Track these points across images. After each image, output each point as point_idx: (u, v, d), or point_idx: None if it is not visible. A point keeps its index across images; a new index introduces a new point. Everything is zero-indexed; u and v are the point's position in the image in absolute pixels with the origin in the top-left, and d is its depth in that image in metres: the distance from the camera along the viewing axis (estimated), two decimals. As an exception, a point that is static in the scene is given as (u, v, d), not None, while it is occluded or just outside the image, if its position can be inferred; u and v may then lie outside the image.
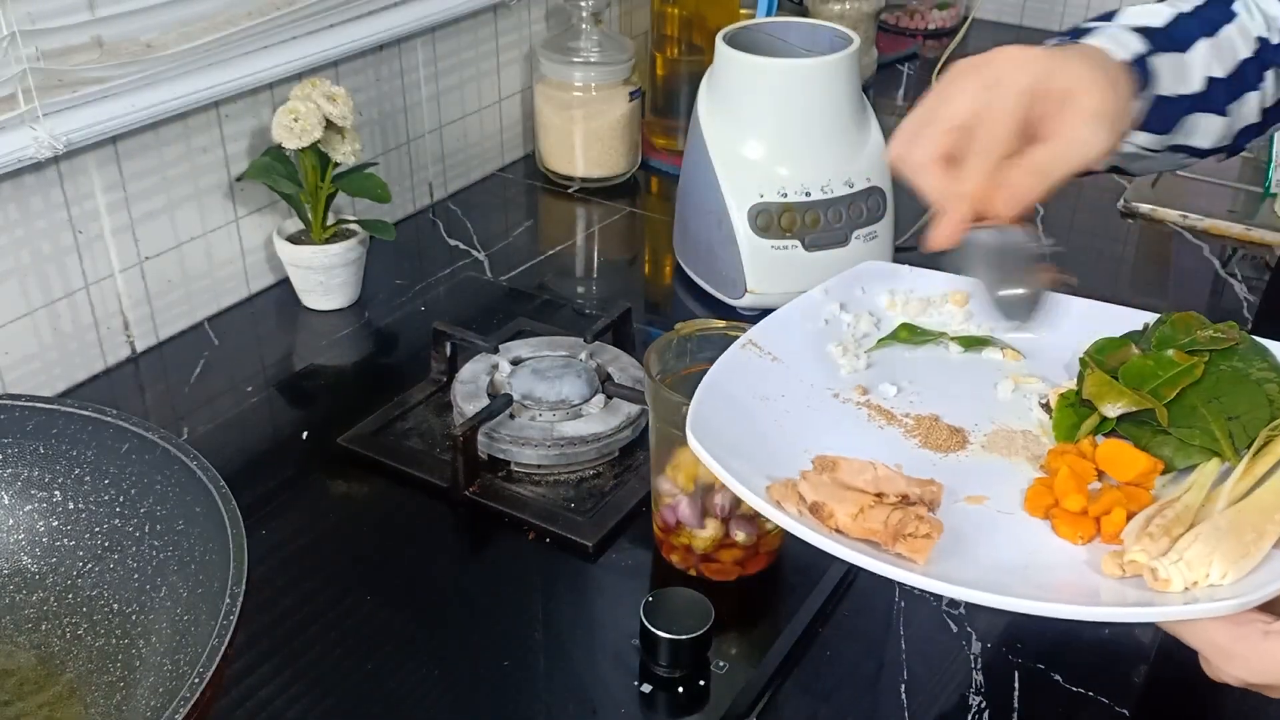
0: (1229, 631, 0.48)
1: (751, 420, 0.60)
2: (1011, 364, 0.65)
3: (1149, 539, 0.51)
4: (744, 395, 0.62)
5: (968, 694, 0.65)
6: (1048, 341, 0.65)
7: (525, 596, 0.71)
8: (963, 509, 0.55)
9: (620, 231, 1.17)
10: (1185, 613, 0.48)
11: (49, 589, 0.62)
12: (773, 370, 0.64)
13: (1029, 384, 0.64)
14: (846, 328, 0.69)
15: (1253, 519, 0.51)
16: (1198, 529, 0.51)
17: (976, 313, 0.68)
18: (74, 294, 0.88)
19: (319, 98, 0.93)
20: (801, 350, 0.66)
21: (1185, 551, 0.50)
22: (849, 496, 0.53)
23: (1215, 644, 0.49)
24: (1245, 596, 0.48)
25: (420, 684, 0.65)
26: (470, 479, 0.77)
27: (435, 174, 1.20)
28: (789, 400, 0.62)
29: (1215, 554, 0.49)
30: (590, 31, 1.19)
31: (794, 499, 0.53)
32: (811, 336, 0.67)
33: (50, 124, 0.79)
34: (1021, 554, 0.53)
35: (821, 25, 1.01)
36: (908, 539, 0.51)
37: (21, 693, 0.58)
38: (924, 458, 0.59)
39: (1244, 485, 0.54)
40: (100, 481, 0.62)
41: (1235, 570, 0.49)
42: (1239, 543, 0.50)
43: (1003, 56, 0.58)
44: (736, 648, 0.67)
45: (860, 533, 0.52)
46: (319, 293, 0.99)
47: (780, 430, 0.60)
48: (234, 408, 0.87)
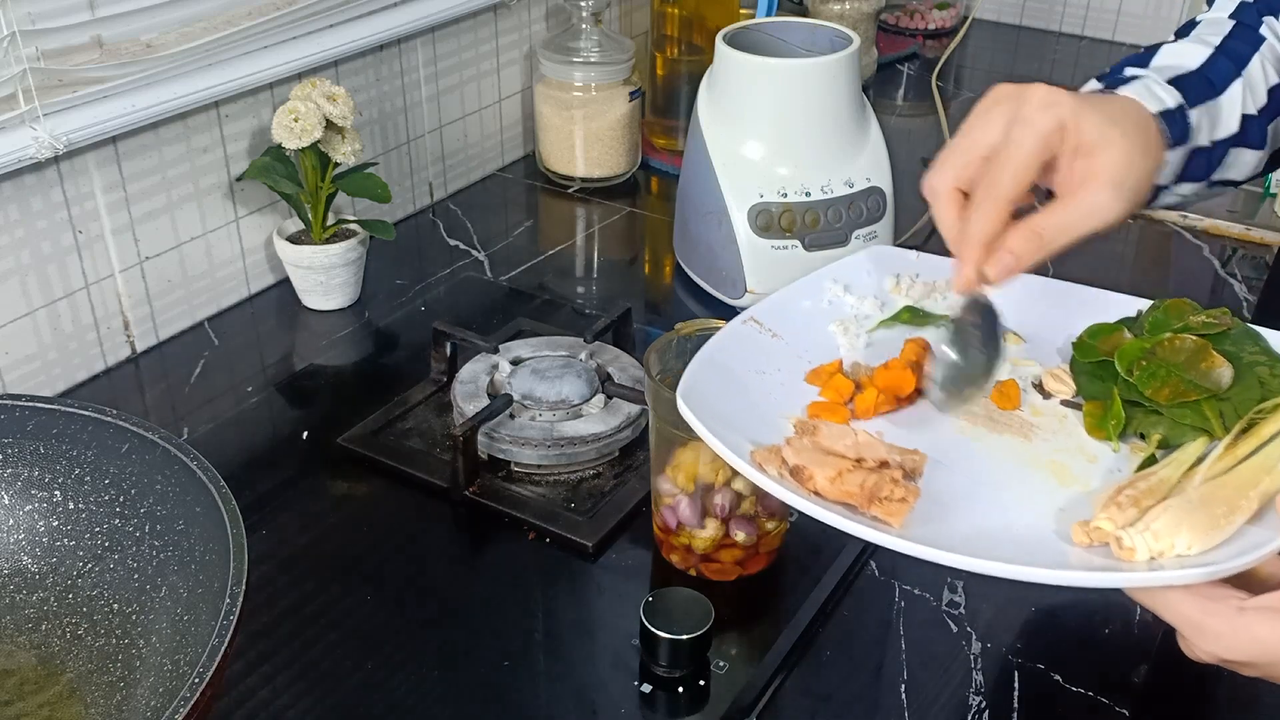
0: (1202, 606, 0.48)
1: (744, 391, 0.61)
2: (1011, 348, 0.65)
3: (1116, 508, 0.50)
4: (739, 368, 0.62)
5: (968, 694, 0.65)
6: (1045, 326, 0.65)
7: (525, 596, 0.71)
8: (941, 478, 0.56)
9: (620, 231, 1.17)
10: (1149, 579, 0.48)
11: (49, 589, 0.62)
12: (771, 346, 0.65)
13: (1025, 366, 0.64)
14: (849, 309, 0.69)
15: (1226, 494, 0.50)
16: (1168, 501, 0.50)
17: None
18: (74, 294, 0.88)
19: (319, 98, 0.93)
20: (802, 328, 0.66)
21: (1153, 522, 0.49)
22: (829, 461, 0.53)
23: (1188, 619, 0.48)
24: (1213, 566, 0.47)
25: (420, 684, 0.65)
26: (470, 479, 0.77)
27: (435, 174, 1.20)
28: (784, 374, 0.63)
29: (1184, 525, 0.49)
30: (590, 31, 1.19)
31: (777, 462, 0.54)
32: (813, 316, 0.67)
33: (50, 124, 0.80)
34: (996, 523, 0.53)
35: (821, 25, 1.01)
36: (883, 502, 0.51)
37: (21, 693, 0.58)
38: (906, 429, 0.60)
39: (1224, 464, 0.53)
40: (100, 481, 0.62)
41: (1203, 543, 0.48)
42: (1209, 516, 0.49)
43: (1036, 94, 0.56)
44: (736, 648, 0.67)
45: (838, 495, 0.53)
46: (319, 293, 0.99)
47: (770, 401, 0.60)
48: (234, 408, 0.87)
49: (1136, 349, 0.60)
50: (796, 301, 0.68)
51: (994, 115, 0.57)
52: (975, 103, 0.59)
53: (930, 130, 1.37)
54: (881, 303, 0.69)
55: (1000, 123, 0.57)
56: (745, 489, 0.69)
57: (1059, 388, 0.62)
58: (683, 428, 0.68)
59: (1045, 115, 0.56)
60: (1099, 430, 0.59)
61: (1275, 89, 0.69)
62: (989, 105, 0.58)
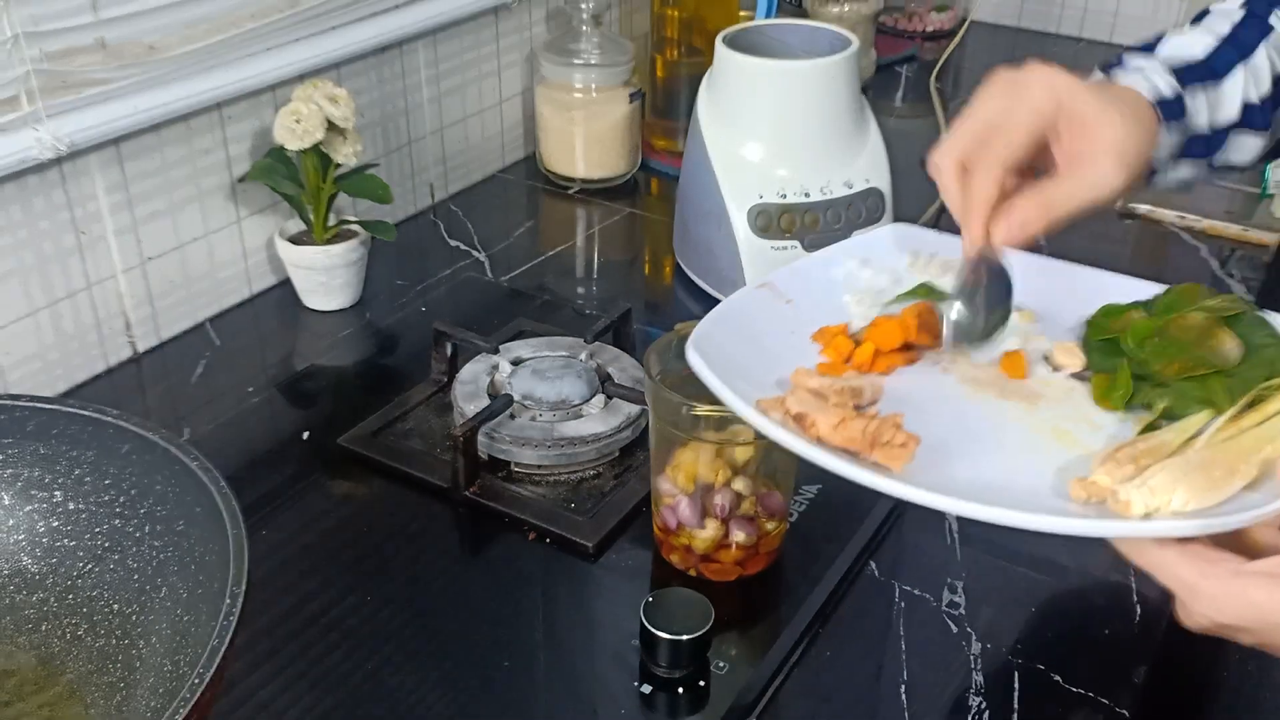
0: (1199, 568, 0.48)
1: (753, 349, 0.62)
2: (1025, 325, 0.66)
3: (1114, 464, 0.51)
4: (750, 328, 0.63)
5: (968, 694, 0.65)
6: (1060, 306, 0.66)
7: (525, 596, 0.71)
8: (944, 435, 0.56)
9: (620, 232, 1.17)
10: (1144, 529, 0.48)
11: (49, 589, 0.62)
12: (784, 311, 0.65)
13: (1036, 341, 0.64)
14: (865, 282, 0.69)
15: (1226, 458, 0.50)
16: (1168, 461, 0.50)
17: None
18: (76, 294, 0.88)
19: (321, 99, 0.93)
20: (816, 297, 0.67)
21: (1150, 479, 0.49)
22: (832, 409, 0.54)
23: (1184, 581, 0.48)
24: (1208, 519, 0.47)
25: (420, 684, 0.65)
26: (470, 479, 0.77)
27: (436, 175, 1.20)
28: (794, 338, 0.64)
29: (1181, 483, 0.48)
30: (590, 33, 1.20)
31: (780, 411, 0.55)
32: (828, 286, 0.68)
33: (53, 125, 0.80)
34: (996, 477, 0.54)
35: (820, 27, 1.01)
36: (884, 448, 0.52)
37: (22, 693, 0.58)
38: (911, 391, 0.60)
39: (1226, 433, 0.53)
40: (101, 482, 0.62)
41: (1199, 501, 0.48)
42: (1207, 476, 0.49)
43: (1035, 73, 0.59)
44: (736, 648, 0.67)
45: (840, 441, 0.53)
46: (320, 293, 0.99)
47: (778, 360, 0.61)
48: (235, 408, 0.87)
49: (1148, 326, 0.61)
50: (813, 271, 0.69)
51: (994, 94, 0.59)
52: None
53: (929, 131, 1.37)
54: (897, 279, 0.69)
55: (1000, 101, 0.59)
56: (745, 489, 0.69)
57: (1068, 361, 0.63)
58: (683, 427, 0.68)
59: (1042, 91, 0.58)
60: (1106, 400, 0.59)
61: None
62: (990, 86, 0.60)
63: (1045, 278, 0.66)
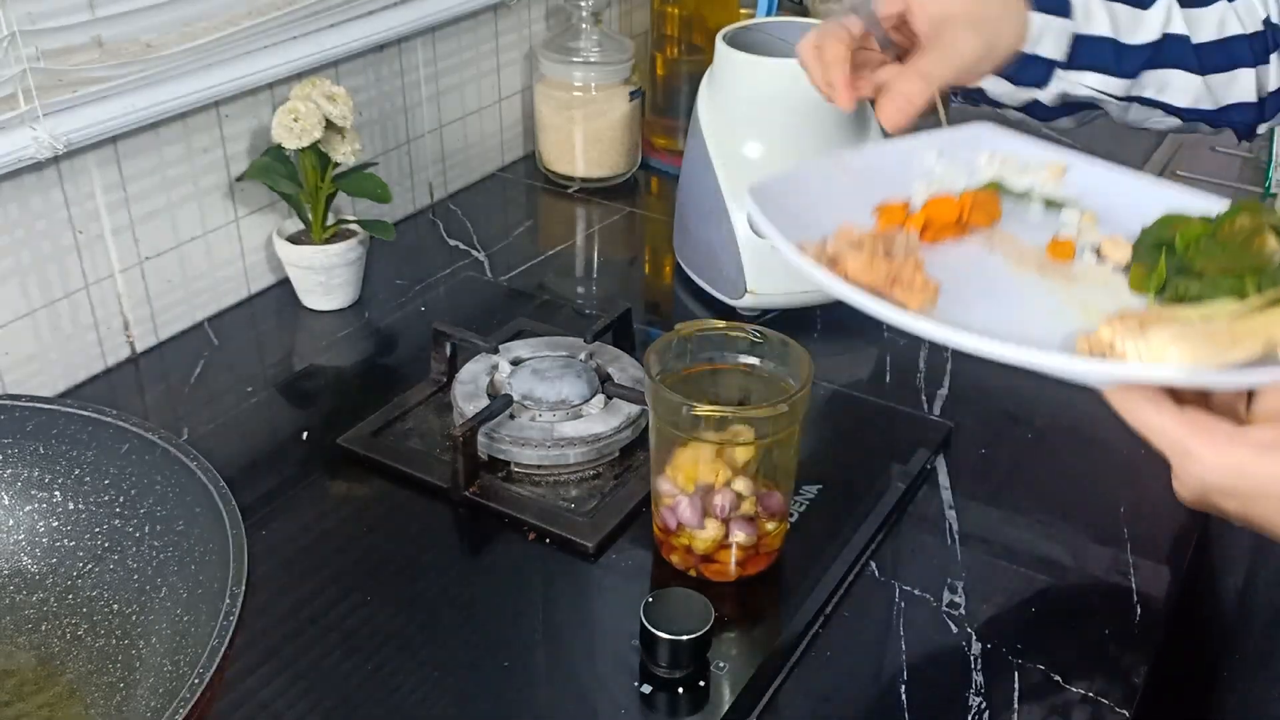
0: (1190, 430, 0.48)
1: (812, 211, 0.63)
2: (1085, 223, 0.66)
3: (1120, 321, 0.51)
4: (814, 193, 0.65)
5: (968, 694, 0.65)
6: (1125, 214, 0.66)
7: (525, 596, 0.71)
8: (970, 293, 0.58)
9: (620, 231, 1.17)
10: (1131, 371, 0.49)
11: (49, 589, 0.62)
12: (851, 186, 0.66)
13: (1091, 236, 0.65)
14: (938, 172, 0.69)
15: (1232, 331, 0.50)
16: (1171, 324, 0.50)
17: (1071, 183, 0.69)
18: (74, 294, 0.88)
19: (319, 98, 0.93)
20: (887, 178, 0.68)
21: (1150, 335, 0.49)
22: (863, 253, 0.58)
23: (1175, 441, 0.48)
24: (1200, 372, 0.47)
25: (420, 684, 0.65)
26: (470, 479, 0.77)
27: (435, 174, 1.20)
28: (855, 209, 0.64)
29: (1179, 344, 0.48)
30: (590, 31, 1.19)
31: (817, 252, 0.59)
32: (901, 171, 0.69)
33: (50, 124, 0.79)
34: (1009, 330, 0.54)
35: (821, 25, 1.01)
36: (904, 288, 0.55)
37: (21, 693, 0.58)
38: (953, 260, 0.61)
39: (1239, 312, 0.52)
40: (100, 482, 0.62)
41: (1194, 364, 0.48)
42: (1209, 342, 0.49)
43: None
44: (736, 648, 0.67)
45: (865, 280, 0.56)
46: (319, 293, 0.99)
47: (835, 221, 0.62)
48: (234, 408, 0.87)
49: (1200, 229, 0.61)
50: (889, 155, 0.70)
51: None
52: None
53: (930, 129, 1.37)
54: (971, 173, 0.69)
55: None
56: (745, 490, 0.69)
57: (1115, 253, 0.63)
58: (683, 427, 0.68)
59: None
60: (1140, 285, 0.60)
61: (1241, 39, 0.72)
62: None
63: (1117, 189, 0.67)
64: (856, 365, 0.95)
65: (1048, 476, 0.82)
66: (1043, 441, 0.85)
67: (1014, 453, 0.84)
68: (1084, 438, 0.85)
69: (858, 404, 0.89)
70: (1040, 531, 0.77)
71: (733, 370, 0.73)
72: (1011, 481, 0.81)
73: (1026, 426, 0.87)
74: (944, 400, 0.89)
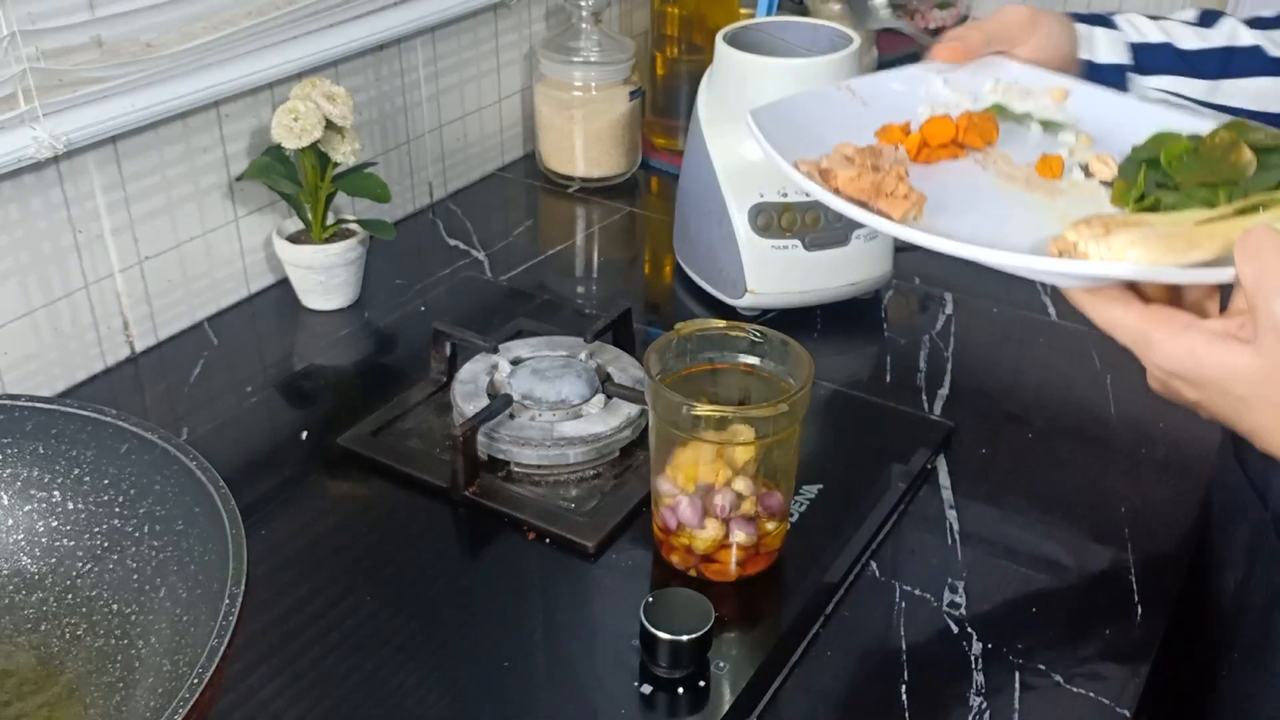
0: (1153, 320, 0.51)
1: (815, 132, 0.65)
2: (1080, 144, 0.67)
3: (1085, 225, 0.53)
4: (818, 116, 0.67)
5: (968, 694, 0.65)
6: (1118, 132, 0.67)
7: (525, 596, 0.71)
8: (956, 206, 0.60)
9: (620, 231, 1.17)
10: (1091, 267, 0.51)
11: (48, 589, 0.62)
12: (856, 110, 0.69)
13: (1083, 156, 0.66)
14: (943, 97, 0.71)
15: (1193, 235, 0.52)
16: (1132, 227, 0.52)
17: (1071, 107, 0.70)
18: (73, 294, 0.88)
19: (319, 97, 0.93)
20: (891, 103, 0.69)
21: (1112, 237, 0.51)
22: (853, 167, 0.61)
23: (1138, 331, 0.51)
24: (1150, 266, 0.50)
25: (420, 684, 0.65)
26: (470, 479, 0.77)
27: (435, 174, 1.20)
28: (859, 132, 0.66)
29: (1139, 245, 0.50)
30: (590, 31, 1.19)
31: (811, 167, 0.61)
32: (907, 97, 0.71)
33: (50, 124, 0.79)
34: (988, 235, 0.57)
35: (822, 25, 1.01)
36: (888, 198, 0.58)
37: (21, 693, 0.58)
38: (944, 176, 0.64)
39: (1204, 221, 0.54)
40: (100, 482, 0.62)
41: (1151, 263, 0.50)
42: (1167, 246, 0.51)
43: None
44: (736, 648, 0.67)
45: (854, 192, 0.59)
46: (319, 293, 0.99)
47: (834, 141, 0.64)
48: (233, 408, 0.87)
49: (1184, 145, 0.62)
50: (895, 82, 0.72)
51: None
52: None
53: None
54: (975, 99, 0.71)
55: None
56: (745, 489, 0.69)
57: (1101, 169, 0.64)
58: (683, 427, 0.68)
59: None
60: (1120, 199, 0.61)
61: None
62: None
63: (1117, 112, 0.68)
64: (856, 365, 0.95)
65: (1048, 476, 0.82)
66: (1043, 441, 0.85)
67: (1014, 453, 0.84)
68: (1084, 438, 0.85)
69: (858, 404, 0.89)
70: (1040, 531, 0.77)
71: (733, 370, 0.73)
72: (1011, 481, 0.81)
73: (1026, 426, 0.87)
74: (944, 400, 0.89)
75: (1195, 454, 0.84)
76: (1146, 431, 0.86)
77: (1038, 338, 0.98)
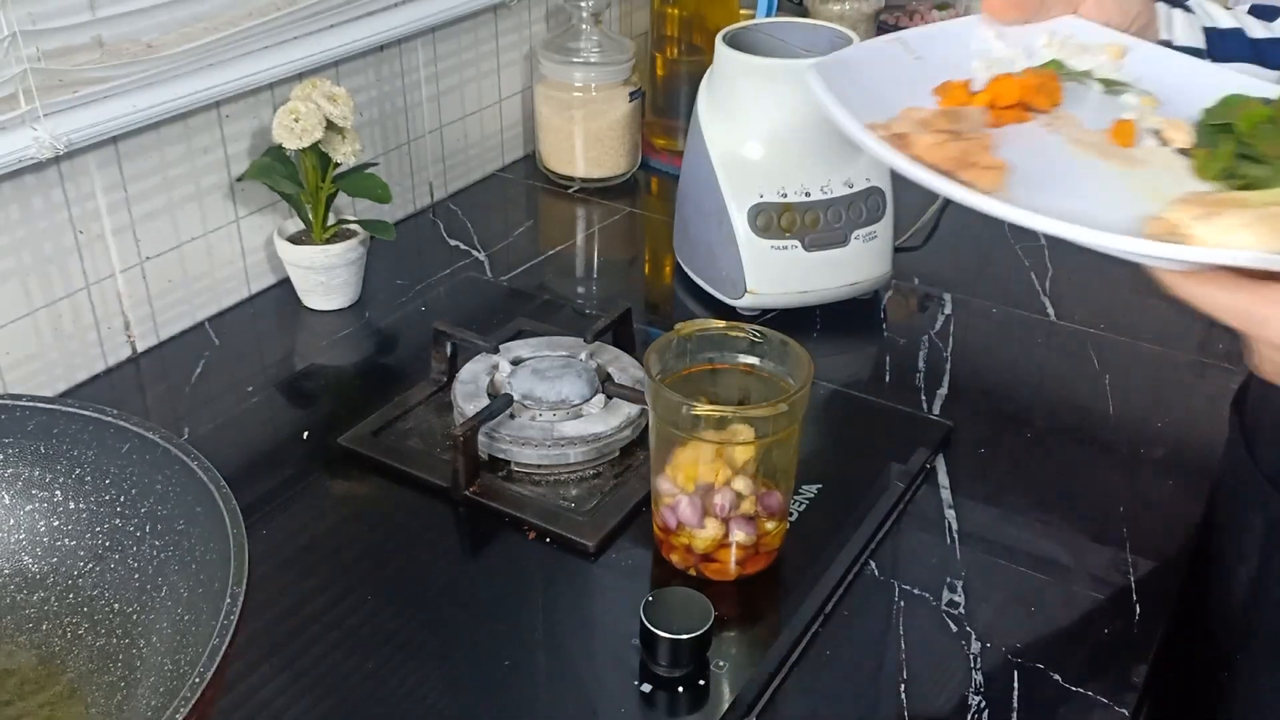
0: (1263, 298, 0.48)
1: (873, 89, 0.62)
2: (1144, 106, 0.65)
3: (1186, 204, 0.51)
4: (874, 72, 0.64)
5: (968, 694, 0.65)
6: (1186, 97, 0.65)
7: (525, 596, 0.71)
8: (1037, 175, 0.57)
9: (620, 231, 1.17)
10: (1204, 254, 0.48)
11: (50, 589, 0.62)
12: (911, 65, 0.66)
13: (1152, 121, 0.64)
14: (997, 52, 0.69)
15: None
16: (1239, 208, 0.50)
17: (1130, 66, 0.68)
18: (75, 294, 0.88)
19: (319, 98, 0.93)
20: (946, 57, 0.67)
21: (1218, 219, 0.49)
22: (931, 132, 0.58)
23: (1241, 309, 0.49)
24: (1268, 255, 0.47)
25: (420, 684, 0.65)
26: (470, 479, 0.77)
27: (435, 174, 1.20)
28: (916, 88, 0.64)
29: (1249, 229, 0.48)
30: (590, 32, 1.20)
31: (884, 132, 0.58)
32: (960, 51, 0.68)
33: (51, 124, 0.80)
34: (1078, 209, 0.54)
35: (821, 26, 1.01)
36: (974, 168, 0.55)
37: (22, 692, 0.58)
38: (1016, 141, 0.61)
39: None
40: (101, 481, 0.62)
41: (1263, 248, 0.48)
42: (1274, 227, 0.48)
43: None
44: (736, 648, 0.67)
45: (935, 159, 0.56)
46: (319, 293, 0.99)
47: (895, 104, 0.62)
48: (234, 408, 0.87)
49: (1263, 113, 0.60)
50: (948, 34, 0.69)
51: None
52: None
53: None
54: (1031, 54, 0.69)
55: None
56: (745, 489, 0.69)
57: (1176, 135, 0.62)
58: (683, 427, 0.68)
59: None
60: (1204, 171, 0.59)
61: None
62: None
63: (1176, 72, 0.67)
64: (856, 365, 0.95)
65: (1048, 476, 0.82)
66: (1043, 441, 0.85)
67: (1014, 452, 0.84)
68: (1083, 437, 0.86)
69: (858, 404, 0.89)
70: (1040, 531, 0.77)
71: (733, 370, 0.73)
72: (1011, 481, 0.81)
73: (1026, 426, 0.87)
74: (944, 400, 0.89)
75: (1195, 454, 0.84)
76: (1145, 431, 0.86)
77: (1037, 338, 0.98)
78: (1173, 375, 0.93)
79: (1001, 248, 1.11)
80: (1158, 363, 0.94)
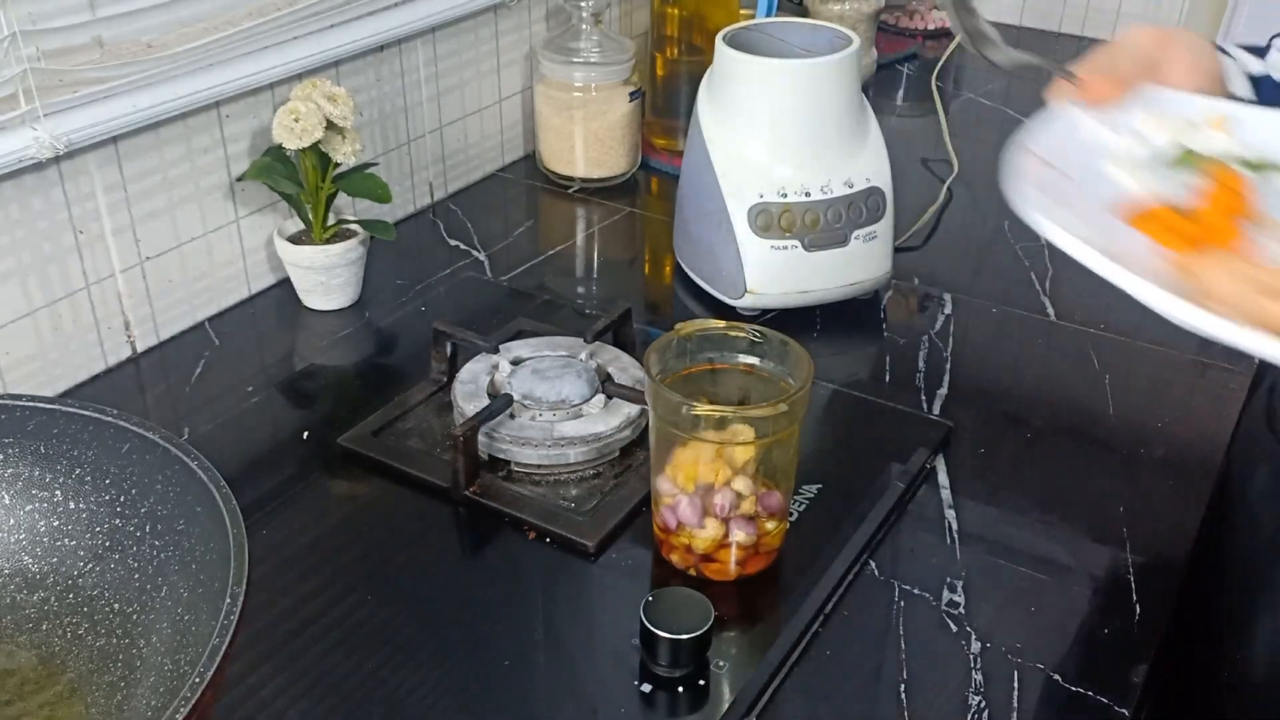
0: None
1: (1062, 203, 0.57)
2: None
3: None
4: (1054, 201, 0.58)
5: (967, 694, 0.65)
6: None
7: (525, 596, 0.71)
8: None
9: (620, 231, 1.17)
10: None
11: (50, 589, 0.62)
12: (1064, 184, 0.60)
13: None
14: (1116, 146, 0.63)
15: None
16: None
17: (1236, 133, 0.63)
18: (75, 294, 0.88)
19: (319, 98, 0.93)
20: (1081, 166, 0.61)
21: None
22: (1219, 263, 0.52)
23: None
24: None
25: (420, 684, 0.65)
26: (470, 479, 0.77)
27: (435, 174, 1.20)
28: (1092, 214, 0.58)
29: None
30: (590, 32, 1.20)
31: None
32: (1083, 153, 0.62)
33: (51, 124, 0.80)
34: None
35: (821, 26, 1.01)
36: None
37: (22, 692, 0.58)
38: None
39: None
40: (101, 481, 0.62)
41: None
42: None
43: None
44: (736, 648, 0.67)
45: (1229, 291, 0.50)
46: (319, 293, 0.99)
47: (1111, 238, 0.56)
48: (234, 408, 0.87)
49: None
50: (1062, 135, 0.63)
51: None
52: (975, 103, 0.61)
53: (930, 130, 1.37)
54: (1142, 139, 0.63)
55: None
56: (745, 489, 0.69)
57: None
58: (683, 427, 0.68)
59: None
60: None
61: None
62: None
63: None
64: (856, 365, 0.95)
65: (1048, 476, 0.82)
66: (1043, 441, 0.85)
67: (1014, 453, 0.84)
68: (1084, 438, 0.86)
69: (858, 404, 0.89)
70: (1039, 531, 0.77)
71: (733, 370, 0.73)
72: (1011, 481, 0.81)
73: (1025, 426, 0.87)
74: (943, 400, 0.89)
75: (1195, 454, 0.84)
76: (1145, 431, 0.86)
77: (1037, 338, 0.98)
78: (1173, 375, 0.93)
79: (1001, 248, 1.11)
80: (1158, 363, 0.94)
